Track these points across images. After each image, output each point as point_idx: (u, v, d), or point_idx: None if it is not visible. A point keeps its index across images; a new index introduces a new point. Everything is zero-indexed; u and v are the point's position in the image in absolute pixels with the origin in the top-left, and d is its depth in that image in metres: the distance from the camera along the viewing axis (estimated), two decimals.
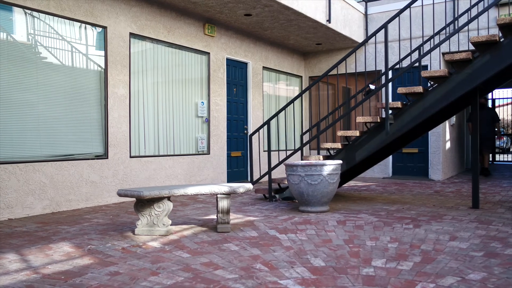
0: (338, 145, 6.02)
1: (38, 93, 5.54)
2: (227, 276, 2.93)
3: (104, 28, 6.27)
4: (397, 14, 5.24)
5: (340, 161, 5.43)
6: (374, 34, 5.48)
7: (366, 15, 10.25)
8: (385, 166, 10.14)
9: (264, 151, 9.57)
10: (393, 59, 9.65)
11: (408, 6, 5.25)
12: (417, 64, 9.15)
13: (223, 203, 4.32)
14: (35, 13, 5.51)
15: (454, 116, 10.15)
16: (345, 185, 8.63)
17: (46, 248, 3.76)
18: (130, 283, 2.80)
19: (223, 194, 4.30)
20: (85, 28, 6.10)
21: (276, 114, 6.41)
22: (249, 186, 4.50)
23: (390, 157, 10.13)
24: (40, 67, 5.58)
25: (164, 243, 3.88)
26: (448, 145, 10.01)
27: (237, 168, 9.15)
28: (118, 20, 6.44)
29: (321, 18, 8.43)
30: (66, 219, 5.15)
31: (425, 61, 9.36)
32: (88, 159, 6.08)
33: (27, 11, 5.42)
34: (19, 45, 5.39)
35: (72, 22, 5.92)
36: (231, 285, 2.75)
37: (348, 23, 9.52)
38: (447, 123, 9.88)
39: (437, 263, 3.15)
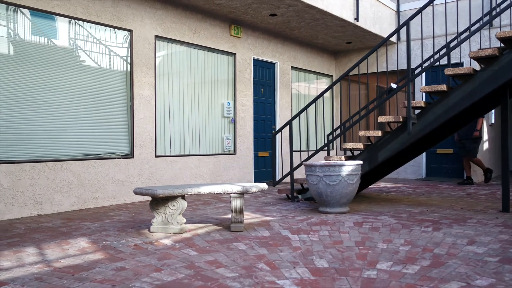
0: (360, 145, 5.92)
1: (66, 95, 5.79)
2: (227, 274, 2.96)
3: (130, 31, 6.46)
4: (419, 11, 5.08)
5: (360, 162, 5.33)
6: (396, 32, 5.34)
7: (398, 12, 10.00)
8: (418, 167, 9.85)
9: (295, 151, 9.52)
10: (425, 57, 9.36)
11: (430, 2, 5.08)
12: (443, 62, 8.83)
13: (236, 203, 4.35)
14: (63, 19, 5.75)
15: (493, 115, 9.72)
16: (373, 186, 8.46)
17: (64, 243, 3.93)
18: (132, 279, 2.88)
19: (236, 193, 4.33)
20: (111, 31, 6.31)
21: (298, 114, 6.37)
22: (263, 185, 4.50)
23: (424, 158, 9.84)
24: (69, 70, 5.82)
25: (175, 241, 3.96)
26: (486, 145, 9.60)
27: (265, 168, 9.17)
28: (144, 23, 6.61)
29: (348, 16, 8.30)
30: (91, 216, 5.35)
31: (457, 60, 9.02)
32: (115, 158, 6.29)
33: (56, 17, 5.67)
34: (48, 49, 5.65)
35: (99, 26, 6.14)
36: (228, 283, 2.77)
37: (378, 20, 9.32)
38: (485, 122, 9.47)
39: (445, 268, 3.04)
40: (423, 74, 9.76)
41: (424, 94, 9.51)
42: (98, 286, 2.74)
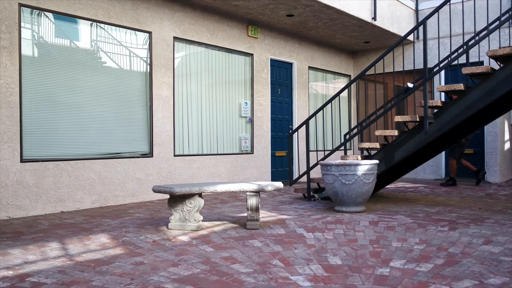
0: (377, 145, 5.92)
1: (88, 95, 5.96)
2: (242, 270, 3.03)
3: (149, 33, 6.60)
4: (436, 10, 5.06)
5: (376, 161, 5.34)
6: (412, 31, 5.33)
7: (416, 11, 9.92)
8: (437, 167, 9.76)
9: (311, 150, 9.55)
10: (444, 56, 9.26)
11: (448, 1, 5.05)
12: (462, 61, 8.71)
13: (252, 201, 4.42)
14: (85, 22, 5.92)
15: None
16: (391, 186, 8.42)
17: (86, 238, 4.06)
18: (150, 273, 2.98)
19: (252, 192, 4.40)
20: (131, 33, 6.46)
21: (314, 114, 6.41)
22: (279, 184, 4.56)
23: (443, 158, 9.73)
24: (90, 71, 5.99)
25: (192, 238, 4.05)
26: (507, 145, 9.45)
27: (282, 168, 9.22)
28: (163, 25, 6.75)
29: (365, 16, 8.29)
30: (111, 213, 5.49)
31: (477, 59, 8.89)
32: (134, 157, 6.43)
33: (78, 20, 5.84)
34: (71, 51, 5.83)
35: (119, 28, 6.29)
36: (242, 278, 2.85)
37: (396, 20, 9.27)
38: (506, 122, 9.32)
39: (459, 266, 3.05)
40: (442, 73, 9.66)
41: (443, 93, 9.42)
42: (117, 279, 2.85)
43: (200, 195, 4.45)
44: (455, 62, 8.76)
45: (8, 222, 4.94)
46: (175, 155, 6.96)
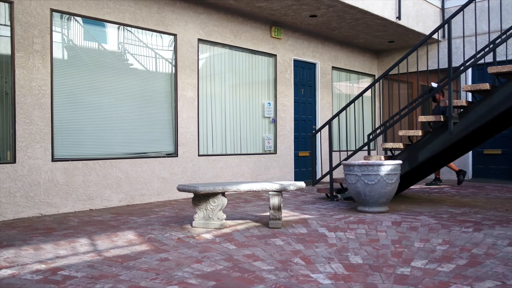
0: (400, 145, 5.89)
1: (115, 97, 6.14)
2: (264, 267, 3.10)
3: (174, 35, 6.74)
4: (461, 9, 5.01)
5: (399, 162, 5.32)
6: (436, 31, 5.28)
7: (443, 9, 9.78)
8: (464, 167, 9.59)
9: (335, 151, 9.54)
10: (470, 55, 9.10)
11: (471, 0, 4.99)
12: (489, 60, 8.54)
13: (274, 200, 4.48)
14: (113, 25, 6.11)
15: None
16: (415, 186, 8.34)
17: (113, 235, 4.21)
18: (174, 268, 3.08)
19: (274, 191, 4.46)
20: (157, 36, 6.62)
21: (337, 114, 6.42)
22: (301, 184, 4.60)
23: (470, 158, 9.57)
24: (117, 73, 6.17)
25: (216, 236, 4.14)
26: None
27: (305, 168, 9.24)
28: (187, 28, 6.88)
29: (390, 15, 8.23)
30: (137, 211, 5.65)
31: (504, 57, 8.71)
32: (160, 156, 6.58)
33: (106, 23, 6.03)
34: (99, 53, 6.02)
35: (145, 31, 6.46)
36: (264, 275, 2.91)
37: (421, 18, 9.17)
38: None
39: (481, 267, 3.03)
40: (469, 72, 9.49)
41: (469, 93, 9.25)
42: (143, 274, 2.95)
43: (223, 194, 4.53)
44: (482, 61, 8.61)
45: (40, 218, 5.14)
46: (199, 155, 7.09)
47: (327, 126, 6.54)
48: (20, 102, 5.18)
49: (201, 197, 4.52)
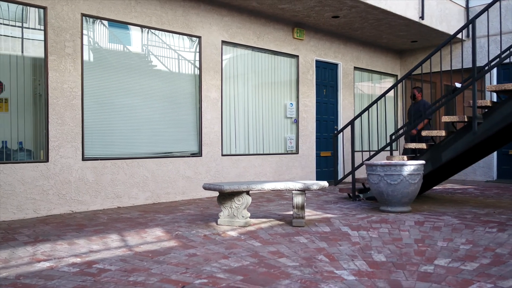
0: (423, 145, 5.89)
1: (141, 98, 6.32)
2: (289, 263, 3.19)
3: (199, 37, 6.89)
4: (485, 9, 4.99)
5: (422, 162, 5.34)
6: (460, 31, 5.28)
7: (467, 8, 9.68)
8: (489, 168, 9.47)
9: (357, 151, 9.56)
10: (496, 54, 8.98)
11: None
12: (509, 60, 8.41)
13: (298, 199, 4.57)
14: (139, 28, 6.29)
15: None
16: (438, 187, 8.29)
17: (142, 231, 4.36)
18: (203, 263, 3.20)
19: (298, 190, 4.54)
20: (182, 38, 6.78)
21: (360, 115, 6.45)
22: (324, 183, 4.68)
23: (495, 159, 9.44)
24: (143, 75, 6.36)
25: (241, 233, 4.25)
26: None
27: (326, 168, 9.28)
28: (211, 30, 7.02)
29: (413, 15, 8.21)
30: (163, 209, 5.81)
31: None
32: (184, 156, 6.74)
33: (133, 27, 6.22)
34: (125, 56, 6.21)
35: (171, 34, 6.62)
36: (289, 271, 3.00)
37: (445, 18, 9.10)
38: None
39: (505, 266, 3.06)
40: (494, 72, 9.37)
41: (494, 93, 9.14)
42: (174, 268, 3.08)
43: (247, 193, 4.64)
44: (507, 61, 8.50)
45: (71, 215, 5.35)
46: (222, 155, 7.22)
47: (349, 126, 6.58)
48: (53, 104, 5.40)
49: (226, 196, 4.64)
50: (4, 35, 5.16)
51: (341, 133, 8.03)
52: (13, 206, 5.09)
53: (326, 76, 9.22)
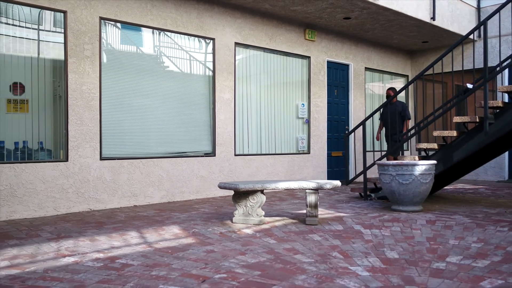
0: (434, 146, 5.95)
1: (156, 99, 6.47)
2: (304, 260, 3.29)
3: (212, 39, 7.02)
4: (497, 10, 5.05)
5: (433, 162, 5.40)
6: (471, 33, 5.34)
7: (478, 8, 9.69)
8: (500, 169, 9.48)
9: (368, 151, 9.62)
10: (508, 54, 8.99)
11: (509, 0, 5.03)
12: None
13: (311, 198, 4.67)
14: (155, 31, 6.43)
15: None
16: (449, 187, 8.33)
17: (160, 229, 4.49)
18: (221, 259, 3.32)
19: (311, 189, 4.65)
20: (196, 40, 6.91)
21: (371, 115, 6.53)
22: (337, 183, 4.77)
23: (506, 159, 9.44)
24: (159, 76, 6.50)
25: (256, 231, 4.36)
26: None
27: (338, 168, 9.36)
28: (225, 32, 7.15)
29: (424, 16, 8.26)
30: (178, 207, 5.94)
31: None
32: (198, 156, 6.88)
33: (149, 29, 6.36)
34: (141, 58, 6.36)
35: (185, 36, 6.76)
36: (305, 267, 3.11)
37: (456, 18, 9.13)
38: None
39: None
40: (506, 73, 9.37)
41: (505, 94, 9.14)
42: (193, 264, 3.21)
43: (262, 191, 4.75)
44: None
45: (90, 213, 5.51)
46: (235, 155, 7.34)
47: (360, 127, 6.66)
48: (72, 105, 5.56)
49: (241, 195, 4.75)
50: (25, 38, 5.33)
51: (352, 133, 8.11)
52: (34, 204, 5.26)
53: (338, 77, 9.30)
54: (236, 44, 7.36)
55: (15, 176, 5.13)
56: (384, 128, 8.01)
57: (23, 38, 5.32)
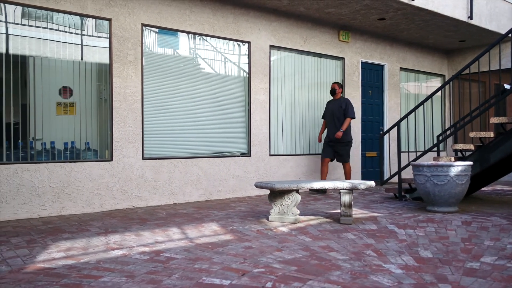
0: (471, 146, 5.92)
1: (195, 101, 6.72)
2: (338, 257, 3.42)
3: (248, 43, 7.21)
4: None
5: (469, 163, 5.39)
6: (509, 32, 5.28)
7: None
8: None
9: (403, 152, 9.58)
10: None
11: None
12: None
13: (345, 198, 4.77)
14: (193, 35, 6.69)
15: None
16: (487, 188, 8.20)
17: (199, 226, 4.72)
18: (258, 255, 3.49)
19: (345, 189, 4.75)
20: (233, 44, 7.13)
21: (406, 116, 6.55)
22: (371, 183, 4.85)
23: None
24: (197, 79, 6.75)
25: (291, 229, 4.51)
26: None
27: (372, 168, 9.37)
28: (260, 35, 7.33)
29: (461, 15, 8.16)
30: (216, 206, 6.16)
31: None
32: (234, 156, 7.09)
33: (188, 34, 6.62)
34: (179, 61, 6.63)
35: (222, 40, 6.98)
36: (339, 263, 3.24)
37: (495, 17, 8.96)
38: None
39: None
40: None
41: None
42: (233, 259, 3.39)
43: (297, 191, 4.90)
44: None
45: (133, 210, 5.81)
46: (270, 155, 7.51)
47: (395, 127, 6.69)
48: (117, 107, 5.87)
49: (277, 194, 4.91)
50: (73, 43, 5.69)
51: (387, 133, 8.12)
52: (82, 200, 5.60)
53: (372, 77, 9.30)
54: (271, 46, 7.52)
55: (65, 175, 5.48)
56: (326, 128, 7.55)
57: (72, 43, 5.67)
